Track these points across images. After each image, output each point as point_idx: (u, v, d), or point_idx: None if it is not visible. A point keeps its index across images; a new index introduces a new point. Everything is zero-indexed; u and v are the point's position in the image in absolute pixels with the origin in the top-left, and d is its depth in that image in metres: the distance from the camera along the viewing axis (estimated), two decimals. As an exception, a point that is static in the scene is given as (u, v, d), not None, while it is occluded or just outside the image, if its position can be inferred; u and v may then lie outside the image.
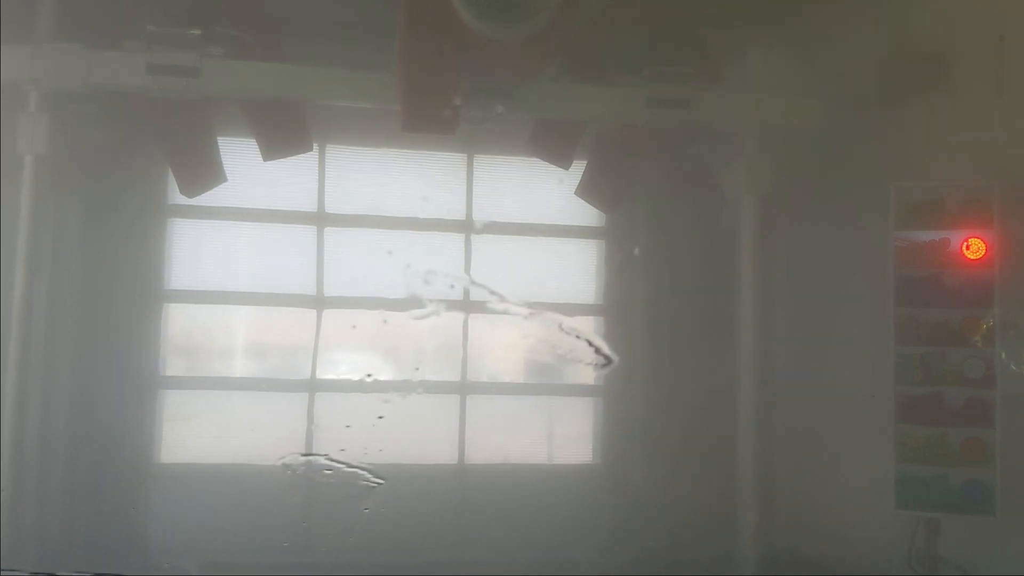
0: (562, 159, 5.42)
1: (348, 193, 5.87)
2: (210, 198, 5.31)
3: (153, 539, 5.36)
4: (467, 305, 5.52)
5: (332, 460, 4.68)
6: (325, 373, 5.72)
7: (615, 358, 5.02)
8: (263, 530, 4.95)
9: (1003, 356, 4.49)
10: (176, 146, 5.23)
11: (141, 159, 5.43)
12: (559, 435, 6.23)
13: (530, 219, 5.93)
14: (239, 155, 5.30)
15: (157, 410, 5.68)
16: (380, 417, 4.73)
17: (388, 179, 5.82)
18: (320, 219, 5.86)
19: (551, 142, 5.38)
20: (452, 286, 5.27)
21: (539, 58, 4.96)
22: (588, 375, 5.81)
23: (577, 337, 4.78)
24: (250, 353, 6.11)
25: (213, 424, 5.65)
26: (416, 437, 5.48)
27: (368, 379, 5.56)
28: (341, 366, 5.87)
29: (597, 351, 4.80)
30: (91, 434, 5.34)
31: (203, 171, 5.22)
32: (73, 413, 5.33)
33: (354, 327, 5.69)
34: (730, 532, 5.16)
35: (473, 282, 5.56)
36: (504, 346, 5.91)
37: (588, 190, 5.57)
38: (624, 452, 5.99)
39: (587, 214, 5.95)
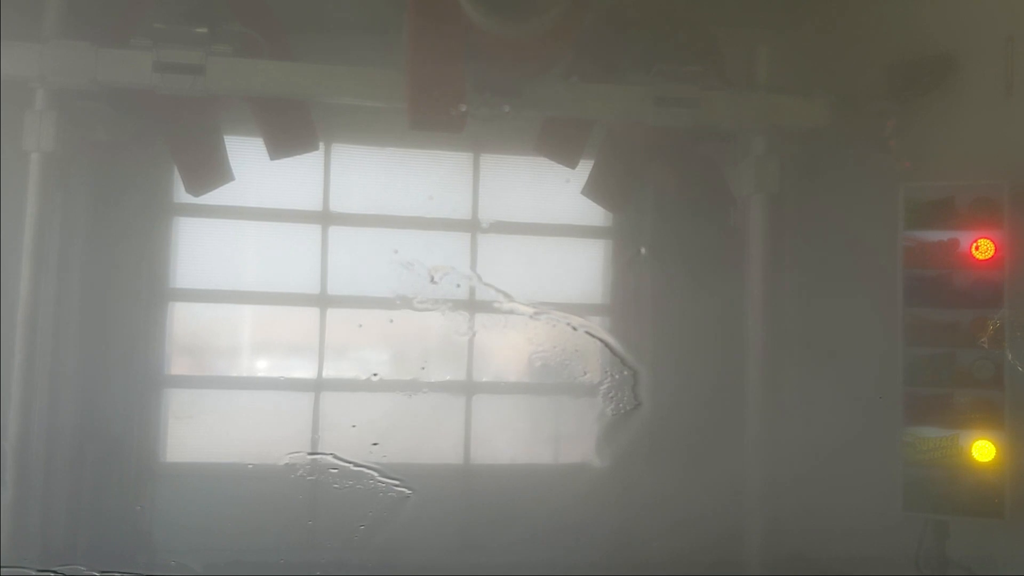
0: (569, 158, 5.41)
1: (354, 192, 5.86)
2: (216, 197, 5.31)
3: (158, 538, 5.35)
4: (473, 304, 5.51)
5: (338, 459, 4.67)
6: (331, 372, 5.71)
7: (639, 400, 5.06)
8: (269, 529, 4.95)
9: (1010, 358, 4.47)
10: (182, 144, 5.22)
11: (147, 157, 5.41)
12: (565, 435, 6.21)
13: (537, 218, 5.90)
14: (245, 153, 5.29)
15: (162, 409, 5.66)
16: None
17: (394, 178, 5.80)
18: (325, 218, 5.85)
19: (559, 141, 5.37)
20: (458, 285, 5.27)
21: (547, 56, 4.95)
22: (594, 375, 5.78)
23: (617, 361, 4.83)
24: (255, 352, 6.10)
25: (218, 423, 5.64)
26: (422, 436, 5.46)
27: (374, 378, 5.56)
28: (347, 365, 5.85)
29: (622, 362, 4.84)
30: (96, 432, 5.32)
31: (209, 169, 5.22)
32: (78, 411, 5.32)
33: (360, 326, 5.69)
34: (737, 533, 5.15)
35: (480, 281, 5.54)
36: (510, 345, 5.89)
37: (595, 189, 5.55)
38: (630, 453, 5.96)
39: (594, 213, 5.93)
